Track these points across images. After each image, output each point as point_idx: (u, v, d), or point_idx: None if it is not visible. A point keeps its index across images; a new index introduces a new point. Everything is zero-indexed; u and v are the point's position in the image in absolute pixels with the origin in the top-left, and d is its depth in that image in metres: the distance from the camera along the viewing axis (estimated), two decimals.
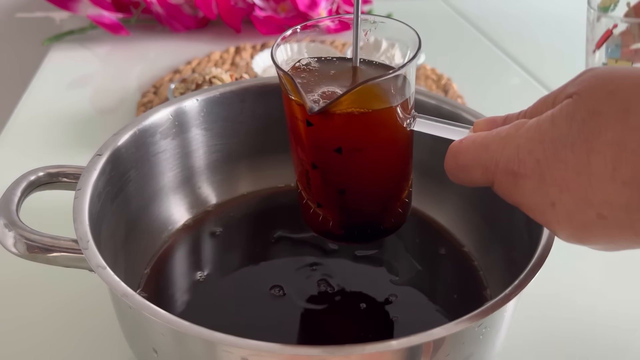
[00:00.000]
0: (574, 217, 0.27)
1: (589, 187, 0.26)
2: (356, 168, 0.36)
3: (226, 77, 0.65)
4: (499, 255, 0.42)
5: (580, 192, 0.27)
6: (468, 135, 0.32)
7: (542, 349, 0.44)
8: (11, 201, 0.36)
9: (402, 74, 0.34)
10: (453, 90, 0.76)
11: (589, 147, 0.26)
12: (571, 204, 0.27)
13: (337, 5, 0.94)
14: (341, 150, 0.35)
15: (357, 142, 0.35)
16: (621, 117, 0.25)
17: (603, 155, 0.26)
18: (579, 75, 0.29)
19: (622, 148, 0.25)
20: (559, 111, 0.28)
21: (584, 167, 0.26)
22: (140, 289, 0.41)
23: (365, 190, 0.37)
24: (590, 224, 0.27)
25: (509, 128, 0.30)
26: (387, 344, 0.28)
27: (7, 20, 1.10)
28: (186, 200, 0.48)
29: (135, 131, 0.42)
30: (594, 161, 0.26)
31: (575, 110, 0.27)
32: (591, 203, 0.27)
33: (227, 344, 0.28)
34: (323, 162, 0.36)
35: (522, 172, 0.28)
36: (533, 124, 0.28)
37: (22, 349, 0.42)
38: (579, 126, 0.26)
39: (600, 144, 0.26)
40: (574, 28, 1.02)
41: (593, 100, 0.26)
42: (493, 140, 0.30)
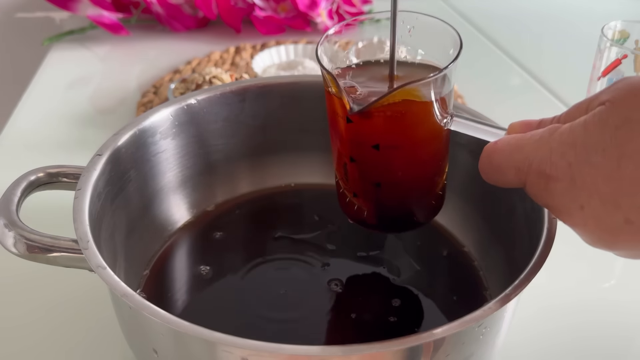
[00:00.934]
0: (601, 221, 0.28)
1: (619, 192, 0.27)
2: (392, 164, 0.37)
3: (226, 77, 0.65)
4: (499, 255, 0.42)
5: (610, 196, 0.27)
6: (503, 137, 0.33)
7: (542, 349, 0.44)
8: (11, 201, 0.36)
9: (441, 76, 0.34)
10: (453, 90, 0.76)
11: (620, 152, 0.26)
12: (600, 207, 0.28)
13: (337, 5, 0.94)
14: (379, 146, 0.36)
15: (394, 140, 0.36)
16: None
17: (634, 161, 0.26)
18: (614, 84, 0.29)
19: None
20: (592, 117, 0.28)
21: (615, 172, 0.27)
22: (140, 289, 0.41)
23: (400, 185, 0.38)
24: (618, 228, 0.28)
25: (542, 132, 0.30)
26: (387, 344, 0.28)
27: (7, 20, 1.10)
28: (186, 200, 0.48)
29: (135, 131, 0.42)
30: (625, 166, 0.26)
31: (609, 116, 0.27)
32: (619, 207, 0.27)
33: (227, 344, 0.28)
34: (361, 157, 0.37)
35: (553, 174, 0.29)
36: (566, 128, 0.29)
37: (22, 348, 0.42)
38: (612, 132, 0.27)
39: (632, 151, 0.26)
40: (574, 28, 1.02)
41: (626, 107, 0.27)
42: (527, 142, 0.31)
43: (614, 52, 0.55)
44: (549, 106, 0.76)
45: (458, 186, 0.43)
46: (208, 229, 0.47)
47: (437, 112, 0.36)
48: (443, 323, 0.29)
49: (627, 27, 0.58)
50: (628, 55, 0.54)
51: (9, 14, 1.09)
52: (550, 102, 0.77)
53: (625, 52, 0.54)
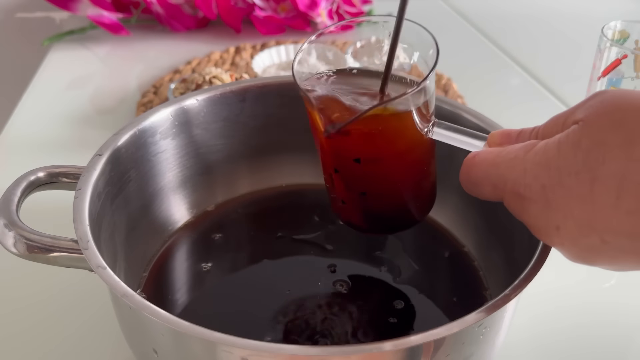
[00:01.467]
0: (578, 241, 0.28)
1: (593, 215, 0.27)
2: (376, 175, 0.37)
3: (226, 77, 0.65)
4: (499, 255, 0.42)
5: (584, 218, 0.27)
6: (481, 151, 0.33)
7: (542, 349, 0.44)
8: (11, 201, 0.35)
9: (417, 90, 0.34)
10: (453, 90, 0.76)
11: (593, 176, 0.26)
12: (575, 229, 0.28)
13: (337, 5, 0.94)
14: (360, 160, 0.36)
15: (375, 153, 0.36)
16: (625, 149, 0.26)
17: (606, 185, 0.26)
18: (588, 99, 0.29)
19: (626, 179, 0.26)
20: (565, 137, 0.28)
21: (588, 195, 0.27)
22: (140, 289, 0.41)
23: (386, 193, 0.38)
24: (594, 248, 0.28)
25: (518, 149, 0.30)
26: (387, 344, 0.28)
27: (7, 20, 1.09)
28: (186, 200, 0.48)
29: (135, 131, 0.42)
30: (598, 190, 0.26)
31: (581, 137, 0.27)
32: (595, 229, 0.27)
33: (227, 344, 0.28)
34: (344, 169, 0.37)
35: (528, 195, 0.29)
36: (541, 148, 0.29)
37: (22, 349, 0.42)
38: (584, 155, 0.27)
39: (604, 174, 0.26)
40: (574, 28, 1.02)
41: (598, 129, 0.27)
42: (502, 160, 0.31)
43: (614, 52, 0.55)
44: (549, 106, 0.76)
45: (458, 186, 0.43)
46: (208, 229, 0.47)
47: (416, 123, 0.36)
48: (443, 323, 0.29)
49: (627, 27, 0.58)
50: (628, 55, 0.54)
51: (9, 14, 1.09)
52: (550, 102, 0.77)
53: (625, 52, 0.54)
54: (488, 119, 0.44)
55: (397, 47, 0.35)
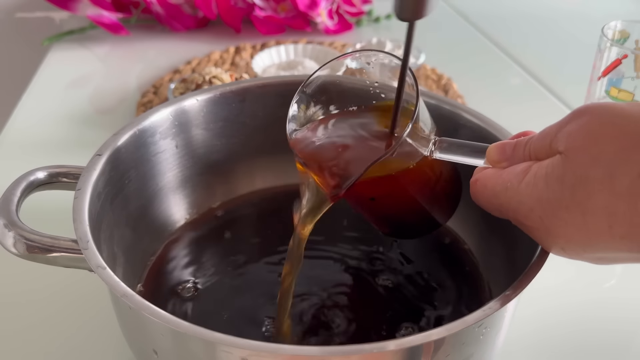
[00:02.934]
0: (583, 256, 0.31)
1: (591, 239, 0.29)
2: (394, 204, 0.39)
3: (226, 77, 0.65)
4: (499, 255, 0.42)
5: (584, 241, 0.29)
6: (481, 176, 0.34)
7: (542, 349, 0.44)
8: (11, 201, 0.35)
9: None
10: (453, 90, 0.76)
11: (583, 209, 0.28)
12: (579, 248, 0.30)
13: (337, 5, 0.94)
14: (375, 199, 0.38)
15: (386, 191, 0.37)
16: (607, 184, 0.27)
17: (597, 217, 0.28)
18: (569, 121, 0.30)
19: (614, 211, 0.27)
20: (551, 170, 0.29)
21: (582, 225, 0.29)
22: (140, 289, 0.41)
23: (410, 212, 0.40)
24: (600, 259, 0.30)
25: (512, 178, 0.32)
26: (387, 344, 0.28)
27: (7, 20, 1.10)
28: (186, 200, 0.48)
29: (135, 131, 0.42)
30: (590, 221, 0.28)
31: (565, 173, 0.29)
32: (596, 248, 0.29)
33: (227, 344, 0.28)
34: (363, 205, 0.40)
35: (529, 224, 0.32)
36: (531, 180, 0.31)
37: (22, 349, 0.42)
38: (570, 191, 0.28)
39: (593, 208, 0.28)
40: (574, 28, 1.02)
41: (579, 165, 0.28)
42: (500, 191, 0.32)
43: (614, 52, 0.55)
44: (549, 106, 0.76)
45: None
46: (208, 229, 0.47)
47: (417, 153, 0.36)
48: (443, 323, 0.29)
49: (627, 27, 0.58)
50: (628, 55, 0.54)
51: (9, 14, 1.09)
52: (550, 102, 0.77)
53: (625, 52, 0.54)
54: (488, 119, 0.44)
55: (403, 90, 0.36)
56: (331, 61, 0.39)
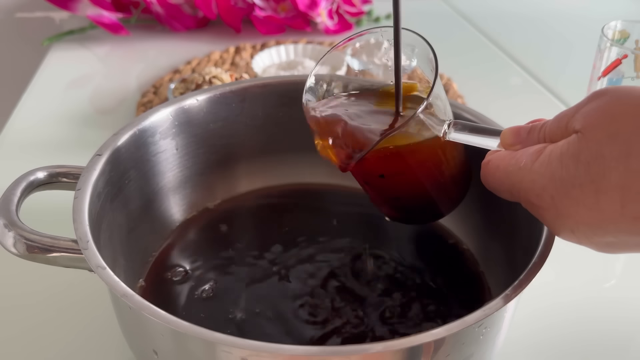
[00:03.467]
0: (593, 239, 0.30)
1: (602, 220, 0.29)
2: (404, 183, 0.39)
3: (226, 77, 0.65)
4: (499, 255, 0.42)
5: (595, 223, 0.29)
6: (494, 157, 0.34)
7: (542, 349, 0.44)
8: (11, 201, 0.35)
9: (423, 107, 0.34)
10: (453, 90, 0.76)
11: (596, 187, 0.28)
12: (589, 231, 0.30)
13: (337, 5, 0.94)
14: (384, 175, 0.38)
15: (397, 168, 0.37)
16: (623, 161, 0.27)
17: (610, 196, 0.27)
18: (586, 102, 0.30)
19: (628, 190, 0.27)
20: (566, 149, 0.29)
21: (594, 204, 0.28)
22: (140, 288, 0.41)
23: (418, 194, 0.40)
24: (610, 244, 0.30)
25: (526, 158, 0.32)
26: (387, 344, 0.28)
27: (7, 20, 1.09)
28: (186, 200, 0.48)
29: (135, 131, 0.42)
30: (603, 200, 0.28)
31: (580, 151, 0.28)
32: (607, 231, 0.29)
33: (227, 344, 0.28)
34: (372, 182, 0.40)
35: (540, 204, 0.31)
36: (545, 159, 0.30)
37: (22, 349, 0.42)
38: (585, 168, 0.28)
39: (607, 186, 0.27)
40: (574, 28, 1.02)
41: (596, 142, 0.28)
42: (513, 169, 0.32)
43: (614, 52, 0.55)
44: (549, 106, 0.76)
45: None
46: (208, 229, 0.47)
47: (431, 130, 0.36)
48: (443, 323, 0.29)
49: (627, 27, 0.58)
50: (628, 55, 0.54)
51: (9, 14, 1.09)
52: (550, 102, 0.77)
53: (625, 52, 0.54)
54: (488, 119, 0.44)
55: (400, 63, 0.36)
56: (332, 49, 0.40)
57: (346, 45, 0.40)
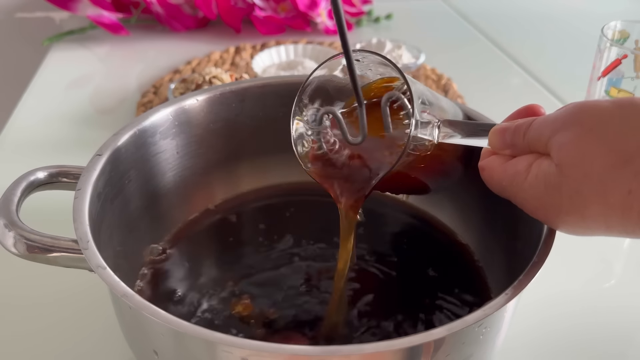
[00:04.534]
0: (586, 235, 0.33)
1: (592, 232, 0.32)
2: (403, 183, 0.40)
3: (226, 77, 0.65)
4: (499, 254, 0.42)
5: (586, 233, 0.32)
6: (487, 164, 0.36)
7: (542, 349, 0.44)
8: (11, 201, 0.35)
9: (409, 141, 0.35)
10: (453, 90, 0.76)
11: (581, 214, 0.31)
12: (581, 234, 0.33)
13: None
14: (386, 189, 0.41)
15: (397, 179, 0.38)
16: (601, 197, 0.30)
17: (595, 221, 0.31)
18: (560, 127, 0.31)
19: (610, 217, 0.30)
20: (549, 179, 0.31)
21: (582, 224, 0.31)
22: (140, 288, 0.41)
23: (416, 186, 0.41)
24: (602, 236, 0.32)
25: (515, 174, 0.34)
26: (387, 344, 0.28)
27: (7, 20, 1.09)
28: (186, 200, 0.48)
29: (135, 131, 0.42)
30: (589, 223, 0.31)
31: (561, 185, 0.31)
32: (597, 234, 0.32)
33: (227, 344, 0.28)
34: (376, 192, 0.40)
35: (536, 217, 0.34)
36: (533, 181, 0.33)
37: (22, 349, 0.42)
38: (567, 200, 0.31)
39: (590, 214, 0.31)
40: (574, 28, 1.02)
41: (573, 180, 0.30)
42: (505, 186, 0.35)
43: (614, 52, 0.55)
44: (549, 106, 0.75)
45: (458, 185, 0.43)
46: (208, 229, 0.47)
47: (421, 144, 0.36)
48: (443, 323, 0.29)
49: (627, 27, 0.58)
50: (628, 55, 0.54)
51: (9, 14, 1.09)
52: (551, 102, 0.77)
53: (625, 52, 0.54)
54: (488, 119, 0.44)
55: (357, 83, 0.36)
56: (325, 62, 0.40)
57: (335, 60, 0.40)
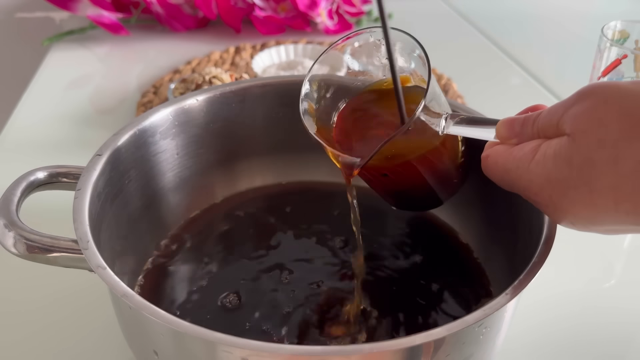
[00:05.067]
0: (591, 229, 0.32)
1: (599, 215, 0.30)
2: (406, 180, 0.40)
3: (226, 77, 0.65)
4: (500, 254, 0.42)
5: (592, 217, 0.31)
6: (492, 151, 0.35)
7: (542, 349, 0.44)
8: (11, 201, 0.35)
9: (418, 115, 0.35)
10: (453, 90, 0.76)
11: (590, 189, 0.29)
12: (587, 222, 0.31)
13: (337, 5, 0.94)
14: (387, 174, 0.39)
15: (398, 167, 0.38)
16: (613, 166, 0.28)
17: (604, 196, 0.29)
18: (574, 103, 0.31)
19: (620, 190, 0.29)
20: (559, 151, 0.31)
21: (590, 202, 0.30)
22: (140, 288, 0.41)
23: (420, 188, 0.41)
24: (609, 230, 0.32)
25: (522, 157, 0.33)
26: (387, 343, 0.28)
27: (7, 20, 1.10)
28: (186, 200, 0.48)
29: (135, 131, 0.42)
30: (597, 199, 0.30)
31: (572, 155, 0.30)
32: (603, 223, 0.31)
33: (227, 344, 0.28)
34: (375, 179, 0.41)
35: (539, 200, 0.33)
36: (540, 159, 0.32)
37: (22, 349, 0.42)
38: (578, 171, 0.30)
39: (600, 188, 0.29)
40: (574, 28, 1.02)
41: (586, 148, 0.29)
42: (511, 167, 0.34)
43: (614, 52, 0.55)
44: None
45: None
46: (208, 229, 0.47)
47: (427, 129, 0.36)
48: (443, 323, 0.29)
49: (627, 27, 0.58)
50: (628, 55, 0.54)
51: (9, 14, 1.09)
52: (551, 102, 0.77)
53: (625, 52, 0.54)
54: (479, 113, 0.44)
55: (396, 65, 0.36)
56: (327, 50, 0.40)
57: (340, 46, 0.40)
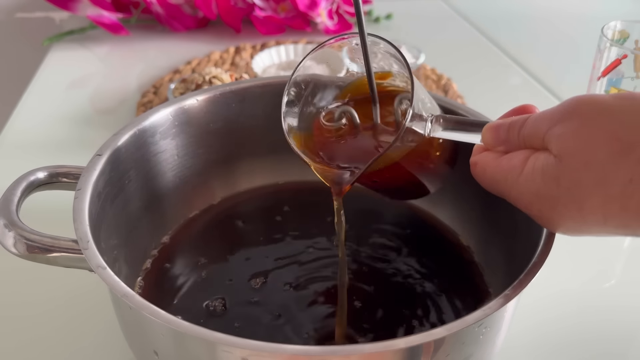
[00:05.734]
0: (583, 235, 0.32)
1: (588, 228, 0.31)
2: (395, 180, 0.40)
3: (226, 77, 0.65)
4: (499, 254, 0.42)
5: (582, 228, 0.32)
6: (480, 160, 0.35)
7: (542, 349, 0.44)
8: (11, 201, 0.35)
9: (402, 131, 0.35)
10: (453, 90, 0.76)
11: (580, 207, 0.30)
12: (578, 233, 0.32)
13: (337, 5, 0.94)
14: (377, 181, 0.40)
15: (389, 174, 0.38)
16: (600, 187, 0.29)
17: (593, 213, 0.30)
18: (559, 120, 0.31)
19: (608, 209, 0.29)
20: (547, 168, 0.31)
21: (580, 218, 0.31)
22: (140, 288, 0.41)
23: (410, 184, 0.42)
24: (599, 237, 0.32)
25: (510, 168, 0.33)
26: (387, 343, 0.28)
27: (7, 20, 1.10)
28: (186, 200, 0.48)
29: (135, 131, 0.42)
30: (587, 216, 0.30)
31: (560, 176, 0.30)
32: (593, 232, 0.32)
33: (227, 344, 0.28)
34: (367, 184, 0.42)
35: (530, 212, 0.33)
36: (529, 175, 0.32)
37: (22, 349, 0.42)
38: (566, 191, 0.30)
39: (589, 207, 0.30)
40: (574, 28, 1.02)
41: (573, 170, 0.30)
42: (499, 180, 0.34)
43: (614, 52, 0.55)
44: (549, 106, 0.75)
45: (459, 184, 0.43)
46: (208, 229, 0.47)
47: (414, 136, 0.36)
48: (443, 322, 0.29)
49: (627, 27, 0.58)
50: (628, 55, 0.54)
51: (9, 14, 1.09)
52: (551, 102, 0.77)
53: (625, 52, 0.54)
54: (487, 119, 0.44)
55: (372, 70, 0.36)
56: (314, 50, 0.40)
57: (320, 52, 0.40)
